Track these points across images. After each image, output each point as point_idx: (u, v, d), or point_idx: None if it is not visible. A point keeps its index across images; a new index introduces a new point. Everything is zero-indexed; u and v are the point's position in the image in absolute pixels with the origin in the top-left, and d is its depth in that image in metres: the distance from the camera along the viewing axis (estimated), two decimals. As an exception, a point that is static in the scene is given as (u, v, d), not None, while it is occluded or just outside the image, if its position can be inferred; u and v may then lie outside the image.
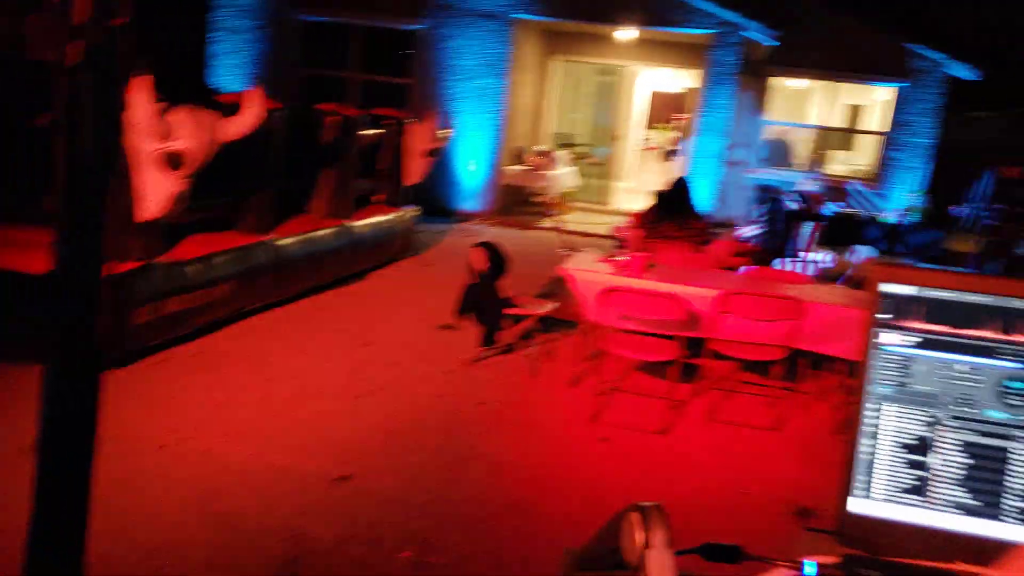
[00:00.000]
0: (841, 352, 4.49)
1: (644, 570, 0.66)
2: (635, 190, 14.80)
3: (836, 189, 11.72)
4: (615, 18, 10.34)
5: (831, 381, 5.04)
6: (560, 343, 5.66)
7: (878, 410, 0.79)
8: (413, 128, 7.74)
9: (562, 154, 11.94)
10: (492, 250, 4.94)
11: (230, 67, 11.34)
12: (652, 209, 6.12)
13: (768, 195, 10.23)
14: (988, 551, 0.77)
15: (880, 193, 11.65)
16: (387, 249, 7.71)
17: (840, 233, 9.91)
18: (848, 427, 0.80)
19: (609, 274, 4.73)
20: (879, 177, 11.74)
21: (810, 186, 11.06)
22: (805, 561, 0.75)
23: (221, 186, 5.41)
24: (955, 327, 0.77)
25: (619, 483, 3.67)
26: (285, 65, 11.35)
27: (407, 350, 5.22)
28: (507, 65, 10.71)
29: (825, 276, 6.19)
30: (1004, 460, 0.77)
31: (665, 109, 16.68)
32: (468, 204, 11.18)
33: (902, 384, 0.78)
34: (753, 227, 5.91)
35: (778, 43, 10.75)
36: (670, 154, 14.52)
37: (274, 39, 11.31)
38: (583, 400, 4.58)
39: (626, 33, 11.05)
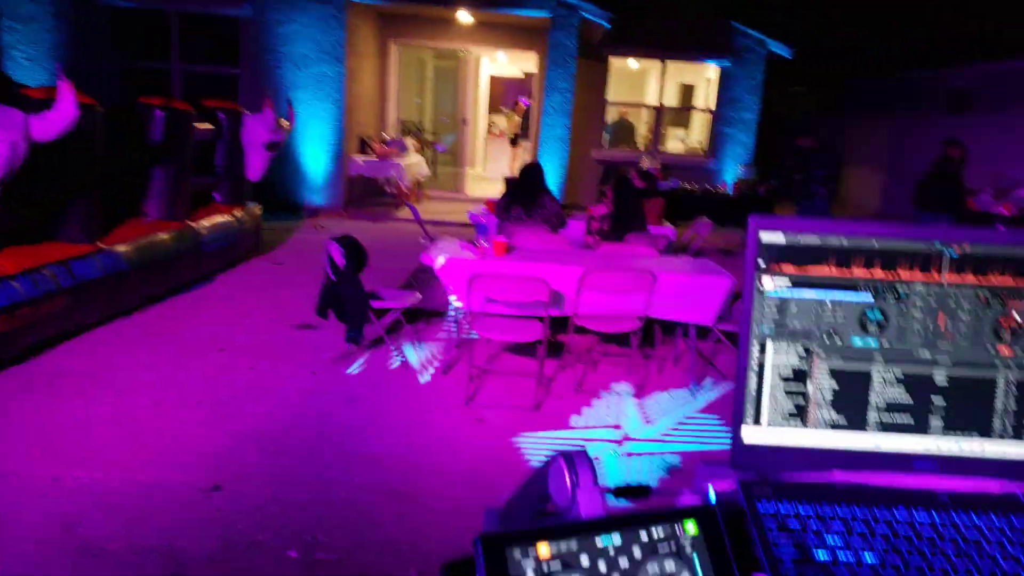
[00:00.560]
0: (689, 318, 4.81)
1: (576, 507, 0.70)
2: (486, 177, 14.99)
3: (674, 166, 12.47)
4: (452, 0, 10.36)
5: (681, 345, 5.39)
6: (428, 332, 5.66)
7: (761, 347, 0.87)
8: (250, 120, 7.40)
9: (409, 141, 11.85)
10: (349, 244, 4.84)
11: (27, 59, 10.26)
12: (505, 195, 6.23)
13: (613, 173, 10.70)
14: (861, 460, 0.88)
15: (713, 167, 12.50)
16: (234, 250, 7.35)
17: (681, 207, 10.57)
18: (737, 365, 0.88)
19: (471, 260, 4.78)
20: (712, 152, 12.58)
21: (651, 163, 11.68)
22: (708, 486, 0.82)
23: (36, 192, 4.94)
24: (824, 267, 0.87)
25: (497, 460, 3.75)
26: (94, 56, 10.44)
27: (267, 353, 5.03)
28: (344, 51, 10.45)
29: (671, 248, 6.57)
30: (867, 381, 0.87)
31: (509, 93, 16.95)
32: (316, 198, 10.86)
33: (780, 323, 0.87)
34: (601, 206, 6.15)
35: (614, 25, 11.20)
36: (516, 139, 14.79)
37: (77, 27, 10.35)
38: (456, 386, 4.62)
39: (464, 16, 11.11)
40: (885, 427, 0.88)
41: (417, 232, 9.22)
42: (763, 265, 0.87)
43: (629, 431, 4.18)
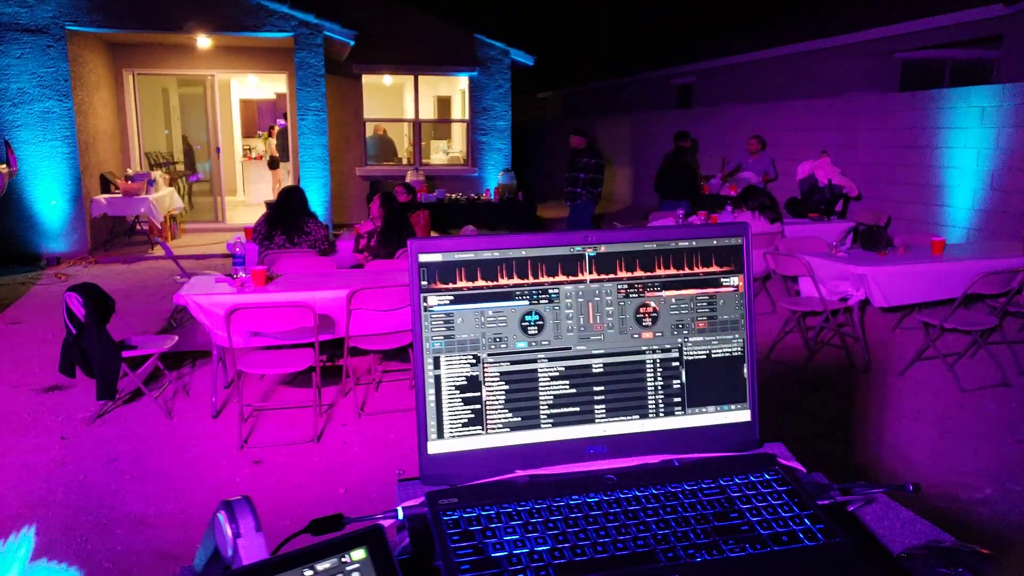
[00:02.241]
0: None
1: (238, 558, 0.68)
2: (247, 203, 14.30)
3: (439, 177, 12.71)
4: (186, 26, 9.76)
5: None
6: (192, 377, 5.28)
7: (435, 362, 0.91)
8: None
9: (159, 174, 10.99)
10: (90, 292, 4.39)
11: None
12: (263, 220, 5.99)
13: (379, 189, 10.68)
14: (538, 455, 0.94)
15: (476, 175, 12.92)
16: (-49, 315, 6.37)
17: (448, 216, 10.79)
18: (414, 384, 0.91)
19: (230, 294, 4.53)
20: (472, 161, 12.99)
21: (414, 176, 11.81)
22: (398, 507, 0.84)
23: None
24: (480, 280, 0.92)
25: (278, 501, 3.58)
26: None
27: (5, 424, 4.42)
28: (70, 84, 9.46)
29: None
30: (534, 379, 0.94)
31: (262, 116, 16.31)
32: (56, 245, 9.72)
33: (449, 336, 0.91)
34: (367, 223, 6.12)
35: (359, 42, 11.18)
36: (275, 161, 14.26)
37: None
38: (228, 429, 4.35)
39: (203, 41, 10.53)
40: (556, 420, 0.95)
41: (174, 271, 8.58)
42: (426, 284, 0.91)
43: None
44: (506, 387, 0.93)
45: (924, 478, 3.54)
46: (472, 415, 0.92)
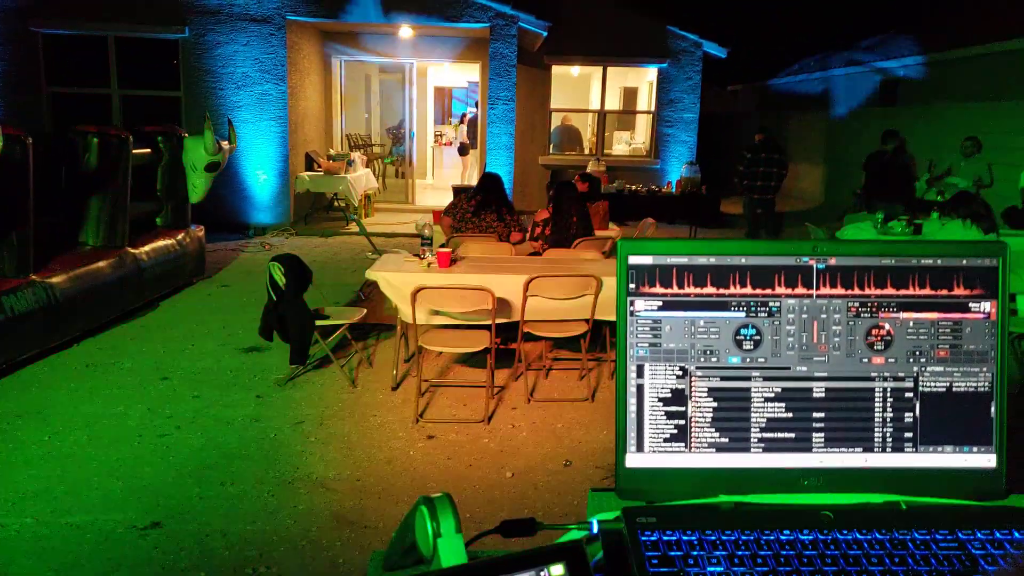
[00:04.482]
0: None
1: (437, 558, 0.68)
2: (435, 186, 14.95)
3: (621, 168, 12.59)
4: (391, 15, 10.31)
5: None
6: (376, 349, 5.60)
7: (640, 371, 0.86)
8: (190, 142, 7.25)
9: (357, 156, 11.75)
10: (290, 263, 4.76)
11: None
12: (459, 203, 6.20)
13: (558, 179, 10.76)
14: (746, 480, 0.87)
15: (657, 167, 12.65)
16: (177, 274, 7.18)
17: (628, 208, 10.66)
18: (616, 391, 0.87)
19: (417, 272, 4.74)
20: (655, 153, 12.73)
21: (595, 167, 11.76)
22: (591, 519, 0.81)
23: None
24: (694, 287, 0.86)
25: (447, 477, 3.71)
26: (29, 85, 10.18)
27: (211, 379, 4.92)
28: (286, 69, 10.33)
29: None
30: (747, 399, 0.87)
31: (454, 103, 16.93)
32: (263, 216, 10.69)
33: (659, 345, 0.86)
34: (544, 212, 6.16)
35: (551, 33, 11.29)
36: (464, 148, 14.78)
37: (11, 56, 10.09)
38: (406, 402, 4.57)
39: (405, 30, 11.08)
40: (768, 445, 0.87)
41: (366, 247, 9.15)
42: (634, 288, 0.86)
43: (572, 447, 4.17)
44: (714, 404, 0.87)
45: None
46: (676, 430, 0.87)
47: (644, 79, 13.72)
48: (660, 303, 0.86)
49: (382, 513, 3.35)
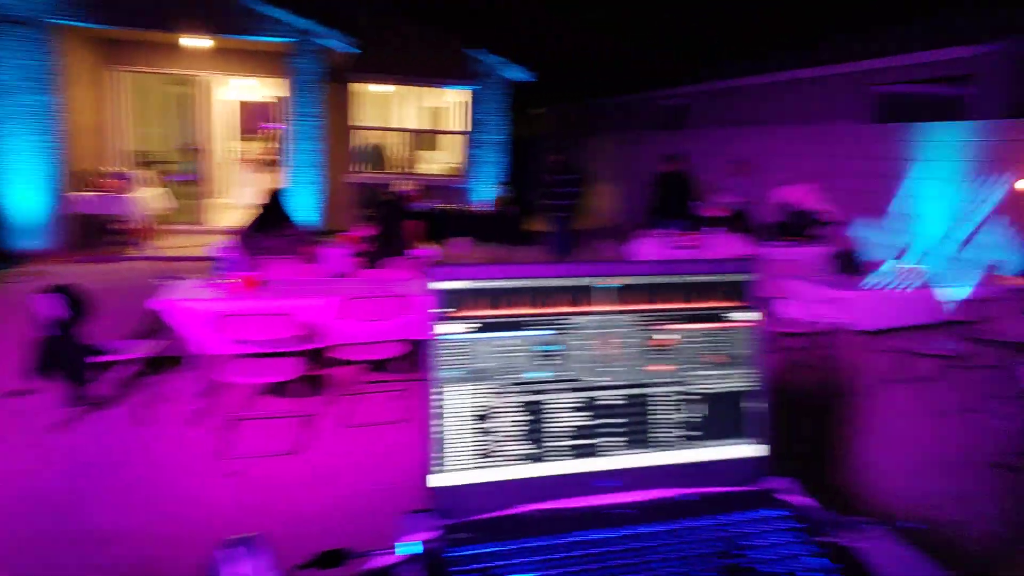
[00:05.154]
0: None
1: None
2: (233, 206, 14.18)
3: (429, 187, 12.72)
4: (181, 26, 9.70)
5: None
6: (169, 383, 5.19)
7: (445, 392, 0.89)
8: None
9: (142, 174, 10.88)
10: (65, 293, 4.31)
11: None
12: (250, 224, 5.94)
13: (377, 196, 10.66)
14: (546, 488, 0.92)
15: (469, 186, 12.95)
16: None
17: (441, 227, 10.78)
18: (424, 413, 0.89)
19: (213, 299, 4.47)
20: (466, 172, 13.02)
21: (404, 186, 11.79)
22: (396, 544, 0.81)
23: None
24: (496, 309, 0.90)
25: (256, 514, 3.52)
26: None
27: (-29, 428, 4.31)
28: (55, 79, 9.35)
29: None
30: (545, 411, 0.92)
31: (255, 119, 16.22)
32: (31, 243, 9.56)
33: (463, 366, 0.89)
34: (364, 229, 6.10)
35: (358, 51, 11.19)
36: (266, 165, 14.17)
37: None
38: (205, 438, 4.28)
39: (196, 42, 10.46)
40: (568, 453, 0.93)
41: (152, 272, 8.47)
42: (441, 312, 0.89)
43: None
44: (518, 419, 0.91)
45: (900, 503, 3.56)
46: (483, 447, 0.90)
47: (454, 100, 14.00)
48: (466, 326, 0.89)
49: (184, 560, 3.11)
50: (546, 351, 0.92)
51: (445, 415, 0.89)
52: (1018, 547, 3.12)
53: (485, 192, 12.74)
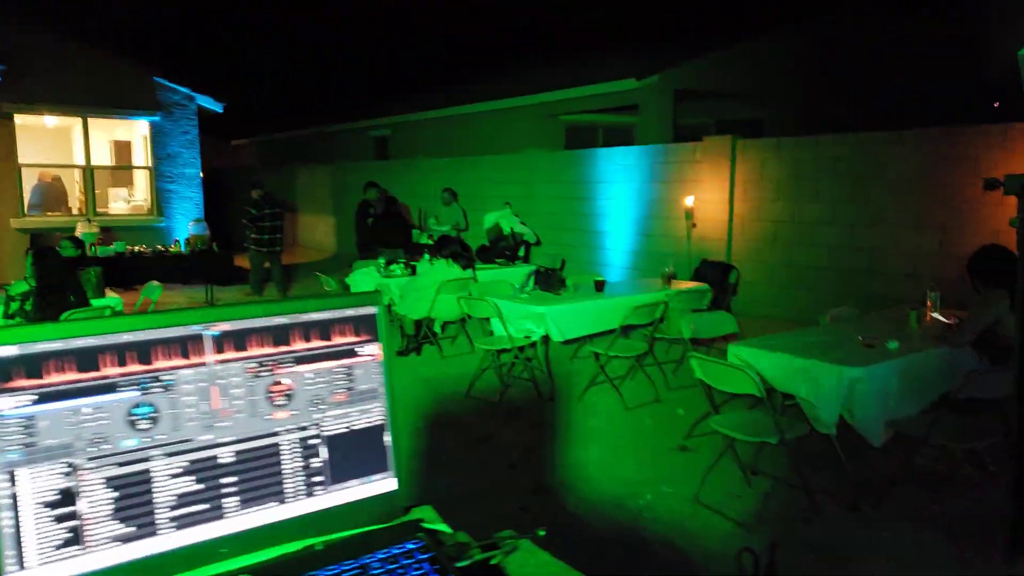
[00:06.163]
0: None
1: None
2: None
3: (120, 229, 11.47)
4: None
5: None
6: None
7: (11, 478, 0.76)
8: None
9: None
10: None
11: None
12: None
13: (38, 245, 9.34)
14: (157, 567, 0.83)
15: (163, 225, 11.87)
16: None
17: (130, 271, 9.73)
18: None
19: None
20: (158, 210, 11.92)
21: (85, 229, 10.52)
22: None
23: None
24: (72, 373, 0.79)
25: None
26: None
27: None
28: None
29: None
30: (149, 481, 0.83)
31: None
32: None
33: (31, 444, 0.77)
34: (27, 281, 5.27)
35: (14, 78, 9.76)
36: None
37: None
38: None
39: None
40: (180, 523, 0.85)
41: None
42: (-4, 385, 0.76)
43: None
44: (113, 495, 0.81)
45: (599, 491, 3.88)
46: (69, 534, 0.78)
47: (137, 132, 12.75)
48: (33, 397, 0.77)
49: None
50: (147, 413, 0.83)
51: (13, 505, 0.76)
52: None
53: (182, 230, 11.82)
